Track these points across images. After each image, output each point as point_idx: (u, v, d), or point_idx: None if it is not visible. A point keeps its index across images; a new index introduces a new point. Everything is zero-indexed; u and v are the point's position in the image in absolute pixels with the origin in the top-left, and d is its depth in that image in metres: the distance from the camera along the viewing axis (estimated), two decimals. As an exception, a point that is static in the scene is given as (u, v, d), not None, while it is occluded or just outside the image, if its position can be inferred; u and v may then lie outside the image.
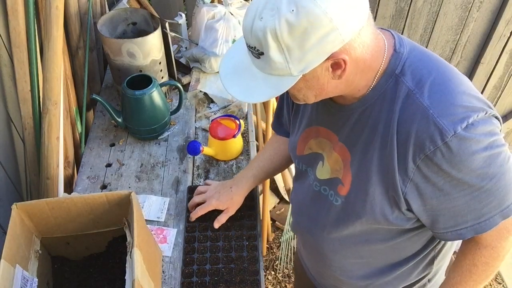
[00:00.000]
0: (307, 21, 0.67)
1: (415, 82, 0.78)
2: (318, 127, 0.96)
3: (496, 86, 2.51)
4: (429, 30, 2.22)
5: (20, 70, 1.24)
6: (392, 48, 0.81)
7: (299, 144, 1.03)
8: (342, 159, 0.91)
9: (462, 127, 0.73)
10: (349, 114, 0.87)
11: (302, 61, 0.72)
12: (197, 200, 1.22)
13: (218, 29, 1.55)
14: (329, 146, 0.94)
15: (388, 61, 0.80)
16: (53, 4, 1.23)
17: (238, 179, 1.23)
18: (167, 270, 1.12)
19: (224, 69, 0.83)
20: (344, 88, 0.81)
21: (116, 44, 1.40)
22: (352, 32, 0.70)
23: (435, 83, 0.78)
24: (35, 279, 0.92)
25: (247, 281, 1.08)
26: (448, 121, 0.74)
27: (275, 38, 0.70)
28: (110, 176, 1.35)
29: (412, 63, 0.80)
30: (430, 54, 0.84)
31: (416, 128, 0.76)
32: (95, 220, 1.00)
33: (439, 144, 0.74)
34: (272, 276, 2.29)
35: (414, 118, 0.76)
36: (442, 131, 0.73)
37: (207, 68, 1.61)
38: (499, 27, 2.20)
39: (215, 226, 1.18)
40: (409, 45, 0.83)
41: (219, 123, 1.36)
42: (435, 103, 0.76)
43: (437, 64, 0.81)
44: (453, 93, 0.76)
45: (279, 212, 2.48)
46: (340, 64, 0.74)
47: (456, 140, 0.73)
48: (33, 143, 1.33)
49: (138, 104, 1.35)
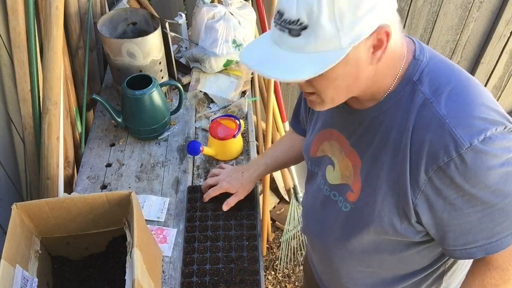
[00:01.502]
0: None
1: (432, 91, 0.76)
2: (331, 129, 0.95)
3: (496, 86, 2.51)
4: (429, 30, 2.22)
5: (20, 70, 1.24)
6: (412, 54, 0.79)
7: (313, 146, 1.01)
8: (353, 165, 0.89)
9: (479, 139, 0.70)
10: (362, 119, 0.85)
11: (354, 29, 0.66)
12: (210, 182, 1.25)
13: (218, 29, 1.55)
14: (340, 151, 0.92)
15: (406, 67, 0.78)
16: (53, 4, 1.23)
17: (250, 165, 1.27)
18: (167, 270, 1.12)
19: (250, 60, 0.75)
20: (371, 83, 0.78)
21: (116, 44, 1.40)
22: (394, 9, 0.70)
23: (453, 92, 0.75)
24: (35, 279, 0.92)
25: (247, 281, 1.08)
26: (465, 132, 0.71)
27: (329, 2, 0.65)
28: (110, 176, 1.35)
29: (430, 71, 0.78)
30: (450, 63, 0.81)
31: (430, 137, 0.73)
32: (95, 220, 1.00)
33: (453, 156, 0.71)
34: (272, 276, 2.29)
35: (429, 127, 0.74)
36: (457, 142, 0.71)
37: (207, 68, 1.60)
38: (499, 27, 2.20)
39: (223, 208, 1.21)
40: (430, 53, 0.80)
41: (219, 123, 1.36)
42: (452, 113, 0.73)
43: (457, 74, 0.78)
44: (472, 104, 0.74)
45: (279, 212, 2.48)
46: (382, 42, 0.70)
47: (472, 153, 0.70)
48: (33, 143, 1.33)
49: (138, 104, 1.35)
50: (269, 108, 1.87)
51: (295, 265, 2.32)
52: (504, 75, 2.46)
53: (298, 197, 2.22)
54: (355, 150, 0.88)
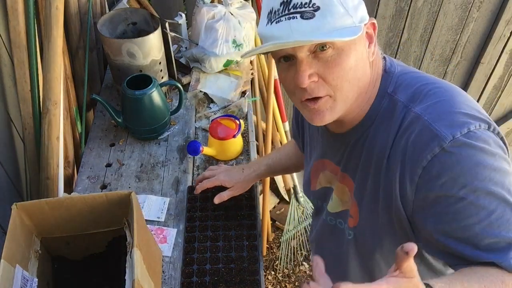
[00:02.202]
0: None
1: (409, 97, 0.73)
2: (323, 159, 0.93)
3: (496, 86, 2.51)
4: (429, 30, 2.22)
5: (20, 70, 1.24)
6: (382, 69, 0.79)
7: (312, 179, 0.99)
8: (348, 189, 0.85)
9: (462, 133, 0.65)
10: (347, 142, 0.83)
11: (357, 12, 0.69)
12: (206, 174, 1.23)
13: (218, 29, 1.55)
14: (335, 178, 0.90)
15: (379, 83, 0.77)
16: (53, 4, 1.23)
17: (252, 164, 1.24)
18: (167, 270, 1.12)
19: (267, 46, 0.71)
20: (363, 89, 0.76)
21: (116, 44, 1.40)
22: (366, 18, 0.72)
23: (431, 93, 0.72)
24: (35, 279, 0.92)
25: (247, 281, 1.08)
26: (446, 126, 0.66)
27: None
28: (110, 176, 1.35)
29: (404, 80, 0.76)
30: (424, 73, 0.79)
31: (411, 139, 0.69)
32: (95, 220, 1.00)
33: (436, 151, 0.65)
34: (272, 276, 2.29)
35: (409, 130, 0.70)
36: (438, 137, 0.65)
37: (207, 68, 1.60)
38: (499, 27, 2.20)
39: (215, 201, 1.18)
40: (401, 66, 0.80)
41: (219, 123, 1.36)
42: (431, 110, 0.69)
43: (432, 79, 0.76)
44: (452, 101, 0.70)
45: (279, 212, 2.48)
46: (371, 36, 0.73)
47: (456, 146, 0.64)
48: (33, 143, 1.33)
49: (138, 104, 1.35)
50: (269, 108, 1.87)
51: (295, 265, 2.32)
52: (504, 75, 2.46)
53: (298, 197, 2.22)
54: (347, 174, 0.85)
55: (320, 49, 0.70)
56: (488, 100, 2.59)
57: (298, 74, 0.71)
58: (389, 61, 0.80)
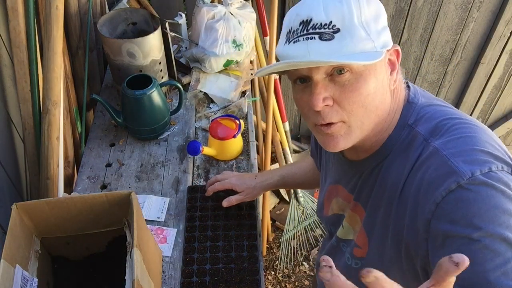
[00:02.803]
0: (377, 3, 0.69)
1: (429, 131, 0.69)
2: (337, 185, 0.90)
3: (496, 86, 2.51)
4: (429, 30, 2.22)
5: (20, 70, 1.24)
6: (406, 98, 0.76)
7: (325, 204, 0.97)
8: (360, 219, 0.83)
9: (483, 171, 0.60)
10: (362, 170, 0.80)
11: (379, 36, 0.67)
12: (218, 177, 1.22)
13: (218, 29, 1.55)
14: (347, 206, 0.87)
15: (400, 112, 0.74)
16: (53, 4, 1.23)
17: (265, 172, 1.23)
18: (167, 270, 1.12)
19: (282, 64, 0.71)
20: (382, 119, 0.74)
21: (116, 44, 1.40)
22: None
23: (452, 129, 0.68)
24: (35, 279, 0.92)
25: (247, 281, 1.08)
26: (466, 163, 0.61)
27: (356, 4, 0.66)
28: (110, 176, 1.35)
29: (427, 112, 0.72)
30: (449, 106, 0.76)
31: (428, 173, 0.65)
32: (95, 220, 1.00)
33: (452, 188, 0.60)
34: (272, 276, 2.29)
35: (426, 164, 0.66)
36: (457, 173, 0.61)
37: (207, 68, 1.60)
38: (499, 27, 2.20)
39: (224, 204, 1.18)
40: (425, 97, 0.76)
41: (219, 123, 1.36)
42: (450, 145, 0.65)
43: (457, 113, 0.72)
44: (474, 138, 0.65)
45: (279, 212, 2.48)
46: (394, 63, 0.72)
47: (474, 185, 0.59)
48: (33, 143, 1.33)
49: (138, 104, 1.35)
50: (269, 108, 1.87)
51: (295, 265, 2.32)
52: (504, 75, 2.46)
53: (298, 197, 2.22)
54: (360, 203, 0.82)
55: (338, 72, 0.68)
56: (488, 100, 2.59)
57: (312, 97, 0.69)
58: (413, 90, 0.77)
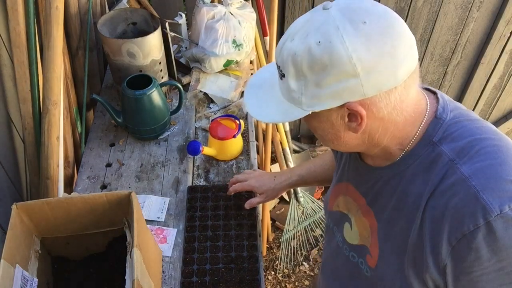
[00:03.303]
0: (328, 58, 0.62)
1: (456, 151, 0.68)
2: (347, 183, 0.89)
3: (496, 86, 2.51)
4: (429, 30, 2.22)
5: (20, 70, 1.24)
6: (433, 113, 0.72)
7: (331, 198, 0.96)
8: (370, 226, 0.81)
9: (511, 206, 0.61)
10: (378, 178, 0.78)
11: (315, 98, 0.66)
12: (240, 178, 1.24)
13: (218, 29, 1.55)
14: (356, 208, 0.86)
15: (426, 127, 0.72)
16: (53, 4, 1.23)
17: (284, 172, 1.23)
18: (167, 270, 1.12)
19: (254, 79, 0.81)
20: (369, 145, 0.73)
21: (116, 44, 1.40)
22: (378, 89, 0.64)
23: (481, 152, 0.66)
24: (35, 279, 0.92)
25: (247, 281, 1.08)
26: (494, 197, 0.62)
27: (295, 63, 0.66)
28: (110, 176, 1.35)
29: (455, 130, 0.70)
30: (478, 120, 0.73)
31: (454, 202, 0.64)
32: (95, 220, 1.00)
33: (480, 224, 0.61)
34: (272, 276, 2.29)
35: (453, 191, 0.65)
36: (485, 208, 0.61)
37: (207, 68, 1.60)
38: (499, 27, 2.20)
39: (246, 207, 1.21)
40: (454, 111, 0.73)
41: (219, 123, 1.36)
42: (480, 174, 0.64)
43: (485, 132, 0.70)
44: (503, 166, 0.64)
45: (279, 212, 2.48)
46: (356, 117, 0.67)
47: (502, 221, 0.61)
48: (33, 143, 1.33)
49: (138, 104, 1.35)
50: (269, 108, 1.87)
51: (295, 265, 2.32)
52: (504, 75, 2.46)
53: (298, 197, 2.22)
54: (372, 210, 0.81)
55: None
56: (488, 100, 2.59)
57: None
58: (441, 103, 0.73)
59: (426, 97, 0.74)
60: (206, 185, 1.31)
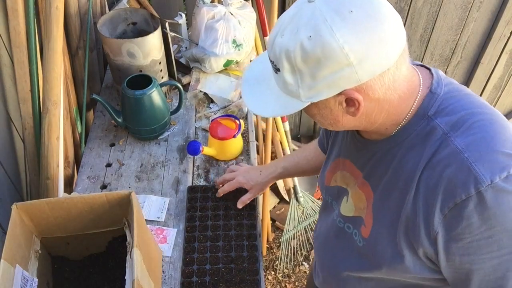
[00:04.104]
0: (321, 52, 0.64)
1: (450, 125, 0.70)
2: (344, 159, 0.91)
3: (496, 86, 2.51)
4: (429, 30, 2.22)
5: (20, 70, 1.24)
6: (428, 88, 0.75)
7: (327, 174, 0.98)
8: (366, 198, 0.84)
9: (501, 177, 0.64)
10: (375, 151, 0.81)
11: (313, 89, 0.69)
12: (227, 177, 1.26)
13: (218, 29, 1.55)
14: (353, 182, 0.88)
15: (421, 102, 0.74)
16: (53, 4, 1.23)
17: (269, 165, 1.26)
18: (167, 270, 1.12)
19: (248, 73, 0.82)
20: (366, 124, 0.76)
21: (116, 44, 1.40)
22: (371, 73, 0.66)
23: (475, 126, 0.69)
24: (35, 279, 0.92)
25: (247, 281, 1.08)
26: (485, 168, 0.65)
27: (288, 59, 0.67)
28: (110, 176, 1.35)
29: (449, 104, 0.72)
30: (471, 96, 0.75)
31: (447, 173, 0.67)
32: (95, 220, 1.00)
33: (471, 193, 0.64)
34: (272, 276, 2.29)
35: (446, 162, 0.68)
36: (477, 179, 0.64)
37: (207, 68, 1.60)
38: (499, 27, 2.20)
39: (238, 206, 1.22)
40: (449, 86, 0.75)
41: (219, 123, 1.36)
42: (472, 146, 0.67)
43: (479, 106, 0.72)
44: (495, 138, 0.67)
45: (279, 212, 2.48)
46: (353, 102, 0.69)
47: (492, 191, 0.64)
48: (33, 143, 1.33)
49: (138, 104, 1.35)
50: (269, 108, 1.87)
51: (295, 265, 2.32)
52: (504, 75, 2.46)
53: (298, 197, 2.22)
54: (368, 183, 0.84)
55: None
56: (488, 100, 2.59)
57: None
58: (436, 78, 0.76)
59: (418, 72, 0.76)
60: (206, 185, 1.31)
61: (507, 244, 0.66)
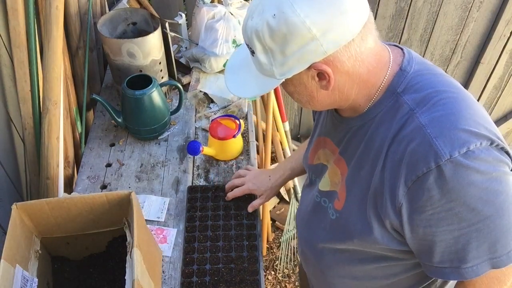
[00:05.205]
0: (286, 28, 0.68)
1: (417, 102, 0.73)
2: (325, 137, 0.96)
3: (496, 86, 2.51)
4: (429, 30, 2.22)
5: (20, 70, 1.24)
6: (398, 65, 0.77)
7: (311, 153, 1.02)
8: (341, 173, 0.88)
9: (461, 152, 0.66)
10: (350, 127, 0.85)
11: (284, 65, 0.73)
12: (236, 183, 1.26)
13: (218, 29, 1.55)
14: (332, 158, 0.92)
15: (391, 79, 0.77)
16: (53, 4, 1.23)
17: (276, 169, 1.28)
18: (167, 270, 1.12)
19: (230, 62, 0.86)
20: (339, 100, 0.79)
21: (116, 44, 1.40)
22: (336, 44, 0.69)
23: (440, 103, 0.71)
24: (35, 279, 0.92)
25: (247, 281, 1.08)
26: (446, 143, 0.67)
27: (259, 39, 0.72)
28: (110, 176, 1.35)
29: (417, 82, 0.75)
30: (440, 74, 0.78)
31: (411, 148, 0.70)
32: (95, 220, 1.00)
33: (432, 167, 0.67)
34: (272, 276, 2.29)
35: (410, 137, 0.71)
36: (437, 153, 0.67)
37: (207, 68, 1.60)
38: (499, 27, 2.20)
39: (249, 210, 1.23)
40: (419, 64, 0.78)
41: (219, 123, 1.36)
42: (435, 123, 0.70)
43: (447, 85, 0.75)
44: (458, 115, 0.70)
45: (279, 212, 2.48)
46: (324, 75, 0.73)
47: (451, 165, 0.66)
48: (33, 143, 1.33)
49: (138, 104, 1.35)
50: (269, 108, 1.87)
51: (295, 265, 2.32)
52: (504, 75, 2.46)
53: (298, 197, 2.22)
54: (343, 158, 0.87)
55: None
56: (488, 100, 2.59)
57: None
58: (407, 57, 0.78)
59: (388, 50, 0.79)
60: (206, 185, 1.31)
61: (466, 217, 0.69)
